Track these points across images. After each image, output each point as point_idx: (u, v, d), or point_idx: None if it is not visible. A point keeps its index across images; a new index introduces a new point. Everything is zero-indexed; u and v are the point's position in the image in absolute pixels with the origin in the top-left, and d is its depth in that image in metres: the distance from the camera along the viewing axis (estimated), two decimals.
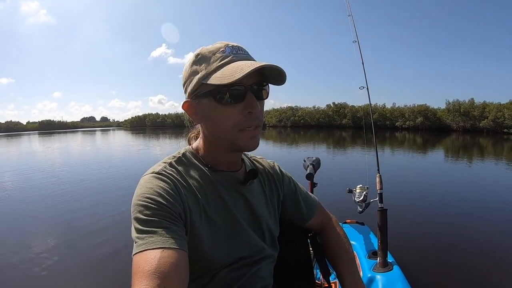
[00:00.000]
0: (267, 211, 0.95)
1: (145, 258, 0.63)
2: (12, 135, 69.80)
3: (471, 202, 6.42)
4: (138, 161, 14.22)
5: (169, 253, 0.64)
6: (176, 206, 0.73)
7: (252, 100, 0.77)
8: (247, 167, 0.96)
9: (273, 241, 0.95)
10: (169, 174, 0.79)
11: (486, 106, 59.10)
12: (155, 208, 0.70)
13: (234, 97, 0.76)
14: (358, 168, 9.60)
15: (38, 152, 20.84)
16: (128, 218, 0.75)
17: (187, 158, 0.87)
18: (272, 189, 1.00)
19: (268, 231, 0.93)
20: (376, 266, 2.17)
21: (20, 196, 7.25)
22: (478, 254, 3.84)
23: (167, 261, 0.62)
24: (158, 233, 0.66)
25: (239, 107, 0.77)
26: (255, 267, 0.87)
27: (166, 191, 0.74)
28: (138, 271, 0.62)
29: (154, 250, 0.64)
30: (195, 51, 0.83)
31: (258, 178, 0.97)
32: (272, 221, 0.96)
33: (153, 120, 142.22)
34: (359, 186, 2.60)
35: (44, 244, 4.29)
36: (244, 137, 0.79)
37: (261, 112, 0.81)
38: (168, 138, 33.66)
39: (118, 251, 3.95)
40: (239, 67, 0.74)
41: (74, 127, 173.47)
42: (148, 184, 0.76)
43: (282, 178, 1.05)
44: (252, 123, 0.79)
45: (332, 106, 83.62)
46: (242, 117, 0.77)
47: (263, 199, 0.96)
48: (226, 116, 0.78)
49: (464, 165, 12.84)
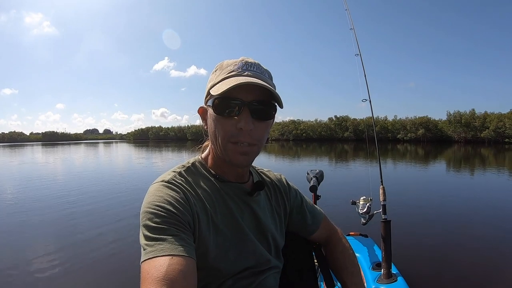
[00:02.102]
0: (273, 223, 0.95)
1: (154, 265, 0.63)
2: (15, 145, 69.97)
3: (475, 213, 6.39)
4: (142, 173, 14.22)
5: (178, 260, 0.64)
6: (185, 214, 0.74)
7: (246, 116, 0.77)
8: (254, 179, 0.97)
9: (278, 253, 0.95)
10: (179, 183, 0.80)
11: (487, 116, 59.18)
12: (165, 215, 0.71)
13: (229, 110, 0.78)
14: (361, 180, 9.60)
15: (46, 163, 20.86)
16: (131, 228, 0.75)
17: (196, 168, 0.89)
18: (278, 201, 1.01)
19: (274, 242, 0.93)
20: (380, 278, 2.15)
21: (28, 206, 7.21)
22: (482, 265, 3.80)
23: (175, 268, 0.63)
24: (167, 240, 0.67)
25: (232, 121, 0.78)
26: (260, 277, 0.88)
27: (176, 199, 0.75)
28: (147, 277, 0.62)
29: (163, 257, 0.64)
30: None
31: (265, 190, 0.98)
32: (278, 233, 0.96)
33: (156, 133, 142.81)
34: (363, 198, 2.60)
35: (47, 255, 4.26)
36: (234, 151, 0.79)
37: (258, 131, 0.80)
38: (171, 151, 33.69)
39: (122, 260, 3.96)
40: (233, 80, 0.76)
41: (78, 139, 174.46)
42: (158, 192, 0.76)
43: (289, 190, 1.05)
44: (243, 140, 0.78)
45: (334, 119, 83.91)
46: (234, 131, 0.78)
47: (269, 211, 0.96)
48: (220, 127, 0.79)
49: (466, 176, 12.80)
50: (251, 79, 0.76)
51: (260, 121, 0.80)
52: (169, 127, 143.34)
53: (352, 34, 3.01)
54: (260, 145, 0.83)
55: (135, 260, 0.69)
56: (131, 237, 4.72)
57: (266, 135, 0.85)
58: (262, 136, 0.82)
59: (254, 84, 0.76)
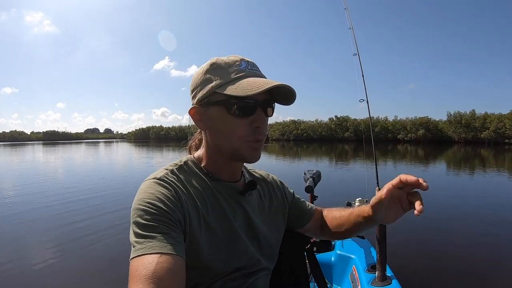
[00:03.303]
0: (265, 223, 0.96)
1: (142, 262, 0.63)
2: (16, 145, 69.85)
3: (472, 215, 6.40)
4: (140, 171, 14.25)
5: (166, 258, 0.64)
6: (176, 212, 0.74)
7: (261, 115, 0.81)
8: (246, 179, 0.97)
9: (270, 253, 0.95)
10: (170, 181, 0.80)
11: (487, 117, 59.02)
12: (155, 213, 0.71)
13: (245, 110, 0.80)
14: (358, 181, 9.58)
15: (46, 162, 20.88)
16: (125, 226, 0.77)
17: (188, 166, 0.89)
18: (272, 200, 1.01)
19: (266, 242, 0.93)
20: (374, 280, 2.15)
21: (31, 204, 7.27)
22: (478, 268, 3.81)
23: (164, 266, 0.63)
24: (157, 238, 0.67)
25: (247, 120, 0.80)
26: (251, 278, 0.88)
27: (167, 197, 0.75)
28: (134, 275, 0.63)
29: (151, 255, 0.64)
30: (210, 60, 0.86)
31: (258, 190, 0.98)
32: (270, 233, 0.96)
33: (156, 132, 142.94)
34: (358, 199, 2.59)
35: (43, 251, 4.33)
36: (249, 148, 0.82)
37: (266, 127, 0.86)
38: (172, 150, 33.68)
39: (115, 257, 4.02)
40: (256, 82, 0.78)
41: (78, 138, 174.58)
42: (149, 189, 0.77)
43: (283, 188, 1.08)
44: (258, 137, 0.82)
45: (335, 120, 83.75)
46: (249, 130, 0.81)
47: (262, 211, 0.97)
48: (234, 127, 0.80)
49: (466, 178, 12.80)
50: (276, 82, 0.79)
51: (267, 117, 0.85)
52: (170, 127, 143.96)
53: (351, 34, 3.00)
54: (265, 138, 0.87)
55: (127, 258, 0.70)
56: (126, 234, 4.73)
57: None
58: (266, 131, 0.87)
59: (284, 88, 0.80)
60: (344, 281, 2.51)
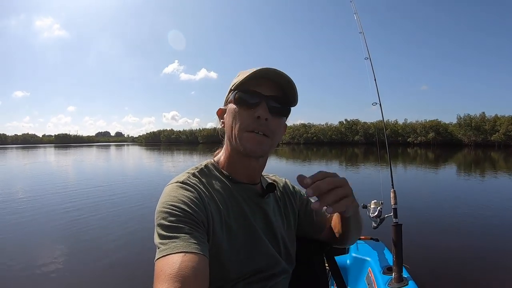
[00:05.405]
0: (282, 226, 0.96)
1: (167, 262, 0.64)
2: (28, 147, 71.05)
3: (486, 216, 6.30)
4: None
5: (190, 257, 0.65)
6: (199, 213, 0.75)
7: (264, 107, 0.82)
8: (263, 182, 0.98)
9: (288, 256, 0.95)
10: (193, 184, 0.82)
11: (497, 119, 58.24)
12: (179, 215, 0.72)
13: (249, 101, 0.83)
14: (371, 184, 9.52)
15: (61, 165, 21.23)
16: (143, 228, 0.77)
17: (209, 169, 0.91)
18: (286, 204, 1.02)
19: (284, 245, 0.94)
20: (391, 282, 2.14)
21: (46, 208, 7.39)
22: (495, 269, 3.75)
23: (188, 265, 0.63)
24: (181, 238, 0.68)
25: (251, 112, 0.83)
26: (271, 282, 0.88)
27: (190, 199, 0.76)
28: (160, 275, 0.63)
29: (176, 254, 0.65)
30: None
31: (274, 194, 0.99)
32: (287, 236, 0.97)
33: (167, 136, 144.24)
34: (374, 202, 2.58)
35: (55, 251, 4.39)
36: (250, 139, 0.83)
37: (273, 123, 0.84)
38: (183, 154, 33.90)
39: (133, 260, 4.07)
40: (253, 70, 0.83)
41: (90, 141, 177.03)
42: (173, 192, 0.78)
43: (295, 193, 1.07)
44: (259, 128, 0.82)
45: (345, 123, 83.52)
46: (251, 120, 0.82)
47: (278, 214, 0.97)
48: (238, 117, 0.84)
49: (478, 180, 12.64)
50: (269, 67, 0.82)
51: (275, 115, 0.85)
52: (181, 130, 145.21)
53: (362, 38, 3.00)
54: (274, 139, 0.86)
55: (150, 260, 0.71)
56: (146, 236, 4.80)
57: (280, 132, 0.88)
58: (276, 129, 0.86)
59: (273, 79, 0.83)
60: (360, 283, 2.51)
